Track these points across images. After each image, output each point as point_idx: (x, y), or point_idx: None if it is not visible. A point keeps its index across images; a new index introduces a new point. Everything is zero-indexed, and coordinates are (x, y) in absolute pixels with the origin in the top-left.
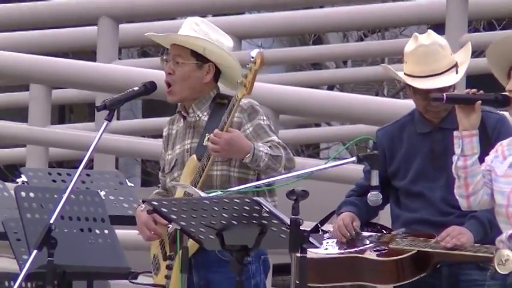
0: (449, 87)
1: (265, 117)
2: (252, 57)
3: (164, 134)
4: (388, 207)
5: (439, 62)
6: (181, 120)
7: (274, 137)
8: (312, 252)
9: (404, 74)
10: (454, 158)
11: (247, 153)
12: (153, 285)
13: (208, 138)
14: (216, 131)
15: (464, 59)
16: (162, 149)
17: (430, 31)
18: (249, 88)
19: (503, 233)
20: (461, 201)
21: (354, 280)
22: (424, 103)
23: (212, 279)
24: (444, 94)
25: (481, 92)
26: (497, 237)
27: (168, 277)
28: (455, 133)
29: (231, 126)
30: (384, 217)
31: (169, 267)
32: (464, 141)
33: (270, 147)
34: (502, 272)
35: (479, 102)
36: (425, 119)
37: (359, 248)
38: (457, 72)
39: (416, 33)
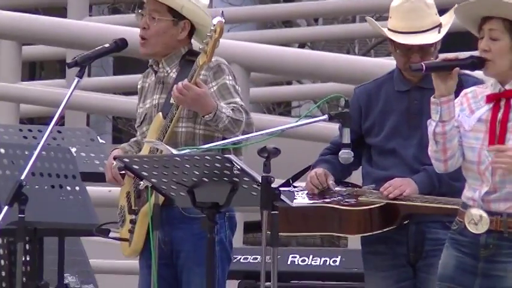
0: (431, 45)
1: (231, 77)
2: (213, 26)
3: (138, 86)
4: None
5: (423, 19)
6: (153, 74)
7: (238, 99)
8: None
9: (388, 29)
10: (431, 123)
11: (210, 112)
12: (118, 239)
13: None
14: (186, 82)
15: (449, 20)
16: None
17: None
18: (209, 56)
19: (475, 191)
20: (438, 165)
21: (322, 230)
22: (404, 60)
23: (176, 235)
24: (423, 64)
25: (457, 56)
26: (447, 192)
27: (131, 231)
28: (432, 99)
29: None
30: (356, 177)
31: (133, 222)
32: (443, 107)
33: (232, 109)
34: (474, 232)
35: (457, 68)
36: (404, 77)
37: (328, 200)
38: (439, 32)
39: None
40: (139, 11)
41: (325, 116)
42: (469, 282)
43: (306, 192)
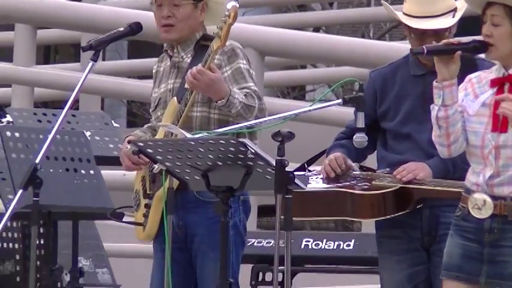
0: (445, 29)
1: (245, 61)
2: (227, 10)
3: (153, 71)
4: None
5: (437, 3)
6: (168, 59)
7: (251, 84)
8: None
9: (403, 13)
10: (434, 108)
11: (222, 98)
12: (132, 223)
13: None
14: (200, 67)
15: (463, 4)
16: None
17: None
18: (223, 40)
19: (478, 175)
20: (441, 149)
21: (335, 215)
22: (418, 44)
23: (190, 219)
24: (424, 47)
25: (460, 40)
26: (461, 177)
27: (146, 216)
28: (434, 84)
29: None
30: (372, 161)
31: (147, 206)
32: (445, 91)
33: (245, 95)
34: (478, 216)
35: (459, 52)
36: (419, 62)
37: (342, 184)
38: (453, 17)
39: None
40: (155, 2)
41: (340, 100)
42: (476, 270)
43: (320, 176)
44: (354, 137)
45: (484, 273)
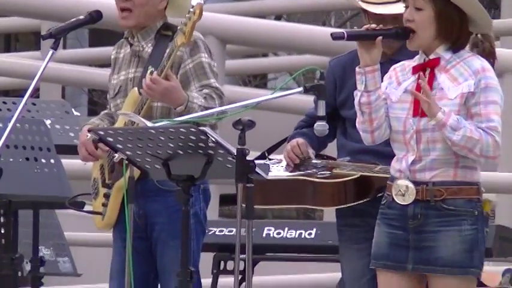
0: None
1: (207, 54)
2: (192, 7)
3: (112, 57)
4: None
5: None
6: (128, 46)
7: (212, 80)
8: None
9: (361, 0)
10: (357, 94)
11: (181, 104)
12: (91, 212)
13: (150, 73)
14: (155, 76)
15: None
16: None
17: None
18: (187, 37)
19: (401, 162)
20: (365, 136)
21: (296, 203)
22: None
23: (150, 208)
24: (344, 31)
25: (381, 26)
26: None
27: (105, 205)
28: (357, 69)
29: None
30: (331, 150)
31: (106, 196)
32: (368, 77)
33: (205, 97)
34: (401, 203)
35: (380, 37)
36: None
37: (303, 172)
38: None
39: None
40: None
41: (301, 89)
42: (403, 257)
43: (281, 164)
44: (315, 125)
45: (410, 259)
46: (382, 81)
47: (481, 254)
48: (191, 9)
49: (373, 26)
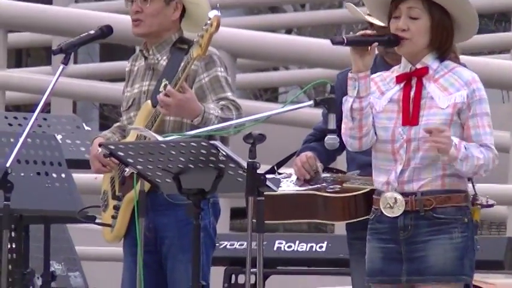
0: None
1: (222, 69)
2: (209, 19)
3: (126, 69)
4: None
5: None
6: (143, 59)
7: (229, 93)
8: None
9: (368, 14)
10: (348, 100)
11: (197, 116)
12: (101, 224)
13: (164, 86)
14: (169, 88)
15: None
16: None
17: None
18: (203, 49)
19: (388, 173)
20: (352, 142)
21: (307, 217)
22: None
23: (160, 222)
24: (344, 36)
25: (375, 32)
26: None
27: (114, 217)
28: (350, 75)
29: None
30: (341, 162)
31: (116, 208)
32: (361, 83)
33: (221, 108)
34: (390, 215)
35: (376, 44)
36: (385, 62)
37: (313, 186)
38: None
39: None
40: None
41: (311, 102)
42: (397, 270)
43: (291, 179)
44: (326, 138)
45: (404, 272)
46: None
47: (472, 262)
48: (208, 21)
49: (369, 32)
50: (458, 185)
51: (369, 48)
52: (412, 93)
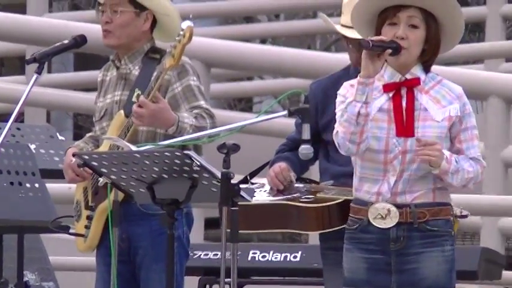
0: None
1: (195, 78)
2: (182, 30)
3: (98, 79)
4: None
5: None
6: (115, 69)
7: (202, 102)
8: None
9: (341, 25)
10: (356, 105)
11: (172, 125)
12: (75, 234)
13: (137, 96)
14: (142, 99)
15: None
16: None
17: None
18: (176, 60)
19: (379, 184)
20: (350, 147)
21: (280, 227)
22: (357, 55)
23: (134, 232)
24: (369, 40)
25: (381, 38)
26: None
27: (87, 227)
28: (360, 80)
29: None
30: (314, 172)
31: (89, 218)
32: (369, 88)
33: (195, 117)
34: (381, 227)
35: (389, 51)
36: (358, 73)
37: (286, 197)
38: None
39: None
40: (99, 7)
41: (285, 112)
42: (385, 282)
43: (264, 188)
44: (300, 148)
45: (394, 283)
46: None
47: (455, 274)
48: (181, 32)
49: (384, 38)
50: (446, 197)
51: (383, 54)
52: (404, 104)
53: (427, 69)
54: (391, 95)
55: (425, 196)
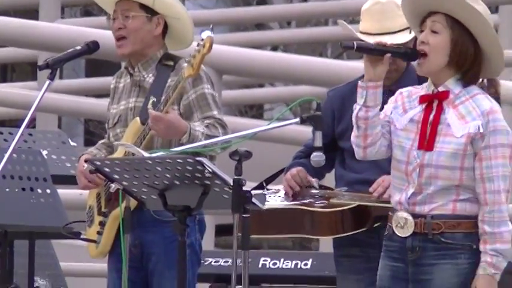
0: (402, 45)
1: (209, 85)
2: (202, 40)
3: (111, 86)
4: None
5: (393, 20)
6: (128, 76)
7: (215, 112)
8: None
9: (360, 31)
10: (356, 107)
11: (184, 133)
12: (86, 239)
13: (152, 104)
14: (156, 114)
15: None
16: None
17: None
18: (195, 69)
19: (401, 193)
20: (357, 150)
21: (293, 232)
22: (375, 61)
23: (146, 238)
24: (354, 42)
25: (392, 44)
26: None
27: (100, 233)
28: (359, 83)
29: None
30: (330, 179)
31: (102, 224)
32: (369, 92)
33: (207, 126)
34: (400, 235)
35: (389, 54)
36: None
37: (300, 202)
38: (410, 32)
39: None
40: (111, 15)
41: (297, 119)
42: None
43: (278, 194)
44: (312, 156)
45: None
46: (384, 102)
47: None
48: (201, 42)
49: (384, 42)
50: (470, 210)
51: (383, 58)
52: (431, 117)
53: (466, 83)
54: (424, 106)
55: (443, 208)
